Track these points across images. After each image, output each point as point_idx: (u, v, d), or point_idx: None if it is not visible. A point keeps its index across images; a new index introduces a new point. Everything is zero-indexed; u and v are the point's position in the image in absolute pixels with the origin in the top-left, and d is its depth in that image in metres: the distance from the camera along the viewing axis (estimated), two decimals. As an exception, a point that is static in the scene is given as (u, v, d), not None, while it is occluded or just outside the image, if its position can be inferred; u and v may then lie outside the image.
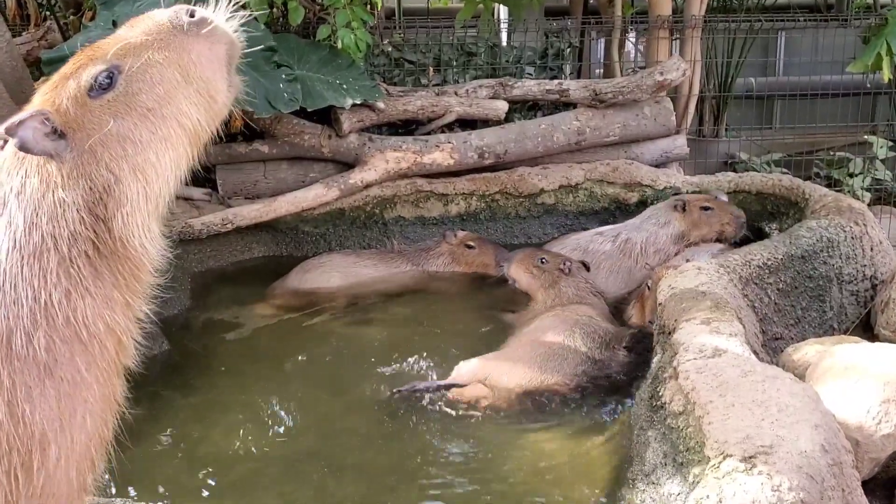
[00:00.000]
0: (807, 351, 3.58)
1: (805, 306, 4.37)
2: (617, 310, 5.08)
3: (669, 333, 3.46)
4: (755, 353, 3.39)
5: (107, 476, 2.53)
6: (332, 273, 5.45)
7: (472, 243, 5.68)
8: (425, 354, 4.48)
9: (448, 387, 3.99)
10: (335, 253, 5.76)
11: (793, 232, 4.56)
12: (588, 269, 5.18)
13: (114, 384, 2.04)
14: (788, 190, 5.46)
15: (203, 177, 5.81)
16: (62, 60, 4.52)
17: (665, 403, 2.96)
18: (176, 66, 2.12)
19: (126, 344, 2.08)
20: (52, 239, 1.96)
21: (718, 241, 5.38)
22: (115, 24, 4.64)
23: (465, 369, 4.09)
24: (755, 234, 5.53)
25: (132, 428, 2.17)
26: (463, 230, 5.88)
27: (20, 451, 1.84)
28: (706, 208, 5.38)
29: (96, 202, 2.02)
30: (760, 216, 5.61)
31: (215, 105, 2.21)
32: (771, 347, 4.09)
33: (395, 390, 4.02)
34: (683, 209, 5.40)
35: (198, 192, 5.93)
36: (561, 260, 5.06)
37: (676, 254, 5.37)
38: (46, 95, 2.07)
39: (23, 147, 1.98)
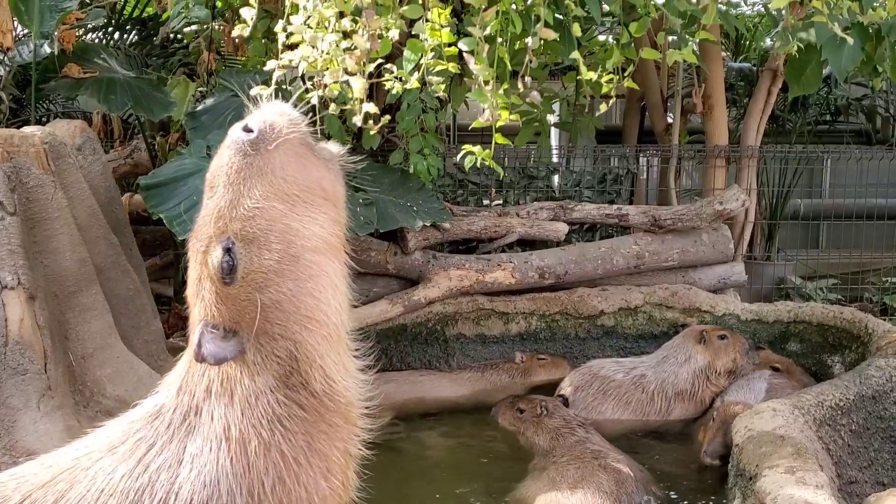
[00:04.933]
0: (890, 503, 3.57)
1: (877, 448, 4.36)
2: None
3: (751, 479, 3.48)
4: (835, 500, 3.40)
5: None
6: (398, 388, 5.53)
7: (543, 357, 5.96)
8: (494, 474, 4.54)
9: None
10: (405, 371, 5.89)
11: (862, 371, 4.58)
12: (567, 404, 5.19)
13: None
14: (850, 323, 5.51)
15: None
16: (159, 186, 4.77)
17: (757, 556, 2.98)
18: (273, 197, 1.87)
19: (347, 478, 2.03)
20: (253, 429, 1.87)
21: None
22: (209, 151, 4.88)
23: None
24: (817, 365, 5.57)
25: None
26: (524, 350, 6.02)
27: None
28: (722, 337, 5.38)
29: (289, 374, 1.93)
30: (822, 348, 5.64)
31: (332, 198, 1.97)
32: (846, 492, 4.08)
33: None
34: (703, 340, 5.35)
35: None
36: (536, 404, 5.05)
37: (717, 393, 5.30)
38: (195, 306, 1.96)
39: (217, 361, 1.89)
